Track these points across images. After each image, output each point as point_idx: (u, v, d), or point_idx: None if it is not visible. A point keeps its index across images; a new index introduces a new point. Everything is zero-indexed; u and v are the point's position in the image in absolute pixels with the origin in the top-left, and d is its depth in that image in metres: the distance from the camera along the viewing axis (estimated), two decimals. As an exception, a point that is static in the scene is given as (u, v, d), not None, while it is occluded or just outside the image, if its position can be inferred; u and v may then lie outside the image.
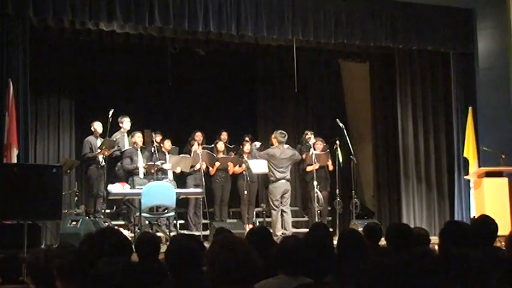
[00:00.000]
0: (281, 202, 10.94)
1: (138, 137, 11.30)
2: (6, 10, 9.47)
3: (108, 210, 11.57)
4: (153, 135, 11.50)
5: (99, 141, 11.17)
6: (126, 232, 10.16)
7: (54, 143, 12.25)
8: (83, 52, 12.74)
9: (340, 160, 11.75)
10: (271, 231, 8.35)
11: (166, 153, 11.66)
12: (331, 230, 9.72)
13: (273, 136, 11.40)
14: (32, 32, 10.25)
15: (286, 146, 11.26)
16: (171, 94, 13.49)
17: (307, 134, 12.27)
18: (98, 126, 11.32)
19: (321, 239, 4.93)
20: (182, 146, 12.30)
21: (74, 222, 9.48)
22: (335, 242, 5.36)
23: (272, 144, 11.44)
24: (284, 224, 10.93)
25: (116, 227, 8.64)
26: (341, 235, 5.42)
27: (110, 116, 10.78)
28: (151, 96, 13.60)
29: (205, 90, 13.97)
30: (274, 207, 10.90)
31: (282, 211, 10.94)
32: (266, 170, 11.23)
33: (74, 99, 12.58)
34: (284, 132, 11.24)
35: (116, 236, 4.55)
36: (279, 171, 10.94)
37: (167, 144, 11.73)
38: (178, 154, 11.85)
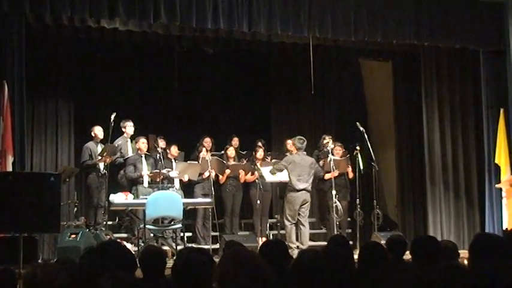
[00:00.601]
0: (299, 213, 10.89)
1: (142, 143, 11.32)
2: (1, 6, 9.51)
3: (109, 222, 11.55)
4: (158, 141, 11.50)
5: (99, 148, 11.20)
6: (129, 246, 10.16)
7: (52, 150, 12.27)
8: (83, 51, 12.77)
9: (361, 167, 11.74)
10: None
11: (173, 160, 11.68)
12: (351, 243, 9.69)
13: (290, 143, 11.41)
14: (28, 30, 10.27)
15: (304, 153, 11.23)
16: (177, 96, 13.52)
17: (325, 138, 12.28)
18: (98, 131, 11.35)
19: (340, 252, 4.92)
20: (190, 152, 12.31)
21: (73, 235, 9.48)
22: (355, 256, 5.35)
23: (287, 151, 11.44)
24: (301, 238, 10.89)
25: (118, 240, 8.67)
26: (362, 249, 5.40)
27: (111, 120, 10.79)
28: (156, 99, 13.62)
29: (214, 92, 13.98)
30: (289, 219, 10.85)
31: (300, 223, 10.89)
32: (281, 179, 11.21)
33: (73, 102, 12.59)
34: (303, 138, 11.20)
35: (118, 249, 4.55)
36: (300, 181, 10.85)
37: (173, 150, 11.74)
38: (186, 161, 11.86)
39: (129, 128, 11.66)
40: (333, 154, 11.66)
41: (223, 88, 14.06)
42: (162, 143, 11.63)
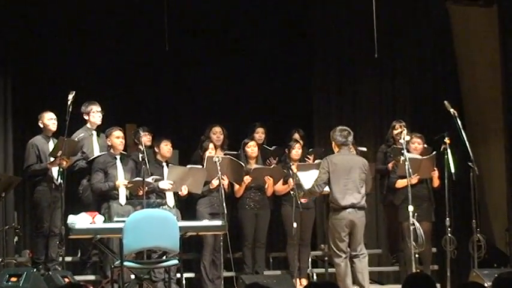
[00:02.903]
0: (349, 243, 10.84)
1: (116, 138, 11.34)
2: None
3: (68, 258, 11.63)
4: (141, 134, 11.53)
5: (51, 144, 11.23)
6: (99, 293, 10.23)
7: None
8: (28, 1, 12.83)
9: (452, 170, 11.68)
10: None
11: (164, 162, 11.69)
12: (438, 286, 9.68)
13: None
14: None
15: (352, 150, 11.17)
16: (169, 65, 13.53)
17: (395, 127, 12.24)
18: (49, 120, 11.39)
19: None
20: (189, 150, 12.33)
21: (13, 278, 9.56)
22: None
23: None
24: (357, 277, 10.85)
25: (82, 284, 8.71)
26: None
27: (69, 102, 10.82)
28: (136, 70, 13.64)
29: (225, 58, 13.97)
30: (337, 253, 10.80)
31: (352, 257, 10.85)
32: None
33: (10, 76, 12.66)
34: (346, 128, 10.99)
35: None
36: (344, 193, 10.79)
37: (165, 148, 11.75)
38: (184, 164, 11.88)
39: (94, 114, 11.68)
40: (408, 150, 11.62)
41: (240, 53, 14.04)
42: (146, 138, 11.67)
